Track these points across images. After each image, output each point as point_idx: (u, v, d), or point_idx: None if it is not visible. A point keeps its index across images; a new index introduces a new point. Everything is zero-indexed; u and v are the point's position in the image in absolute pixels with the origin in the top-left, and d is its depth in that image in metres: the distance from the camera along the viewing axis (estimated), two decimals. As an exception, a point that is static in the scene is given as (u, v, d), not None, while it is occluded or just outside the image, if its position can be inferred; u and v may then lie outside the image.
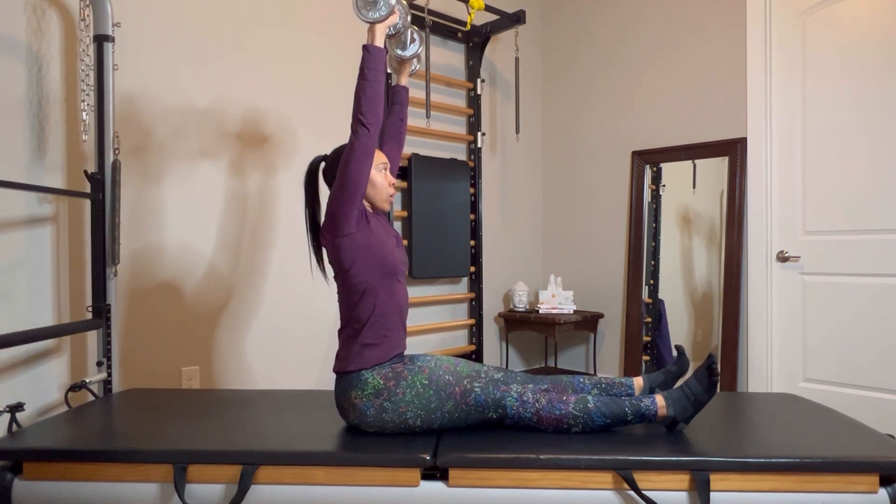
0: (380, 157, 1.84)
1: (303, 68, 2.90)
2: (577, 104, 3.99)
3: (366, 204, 1.84)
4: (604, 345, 3.85)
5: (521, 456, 1.51)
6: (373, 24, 1.76)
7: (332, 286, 3.02)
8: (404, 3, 1.93)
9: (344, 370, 1.72)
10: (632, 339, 3.63)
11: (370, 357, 1.72)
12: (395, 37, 2.04)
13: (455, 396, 1.68)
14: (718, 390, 3.23)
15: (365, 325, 1.73)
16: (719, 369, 1.66)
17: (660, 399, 1.67)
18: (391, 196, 1.87)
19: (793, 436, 1.63)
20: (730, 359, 3.22)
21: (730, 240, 3.25)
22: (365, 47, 1.72)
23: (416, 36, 2.11)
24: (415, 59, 2.21)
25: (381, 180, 1.84)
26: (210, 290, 2.59)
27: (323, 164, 1.89)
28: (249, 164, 2.72)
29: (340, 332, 1.79)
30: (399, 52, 2.12)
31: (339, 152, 1.85)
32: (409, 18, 1.99)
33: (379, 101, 1.70)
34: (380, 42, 1.75)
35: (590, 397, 1.68)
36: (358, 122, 1.68)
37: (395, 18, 1.82)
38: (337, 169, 1.83)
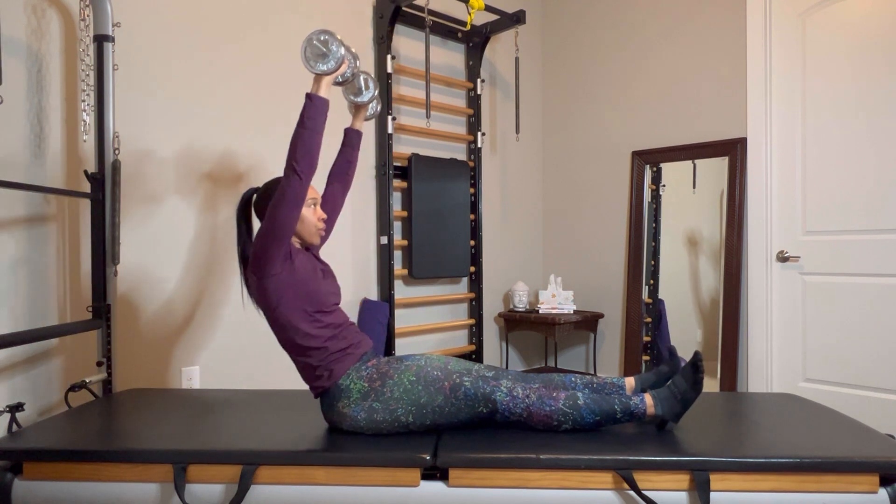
0: (309, 193, 1.82)
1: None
2: (577, 104, 3.99)
3: (294, 240, 1.83)
4: (604, 345, 3.85)
5: (521, 456, 1.51)
6: (320, 75, 1.74)
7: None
8: (353, 51, 1.91)
9: (322, 390, 1.73)
10: (632, 339, 3.63)
11: (339, 370, 1.71)
12: (346, 84, 2.02)
13: (444, 391, 1.68)
14: (719, 390, 3.23)
15: (314, 355, 1.72)
16: (704, 366, 1.67)
17: (648, 398, 1.68)
18: (320, 230, 1.86)
19: (793, 436, 1.63)
20: (730, 359, 3.22)
21: (730, 240, 3.25)
22: (308, 96, 1.69)
23: (370, 83, 2.11)
24: (373, 103, 2.21)
25: (310, 216, 1.82)
26: (210, 290, 2.59)
27: (255, 197, 1.87)
28: (246, 159, 2.72)
29: (296, 364, 1.77)
30: (353, 98, 2.12)
31: (271, 186, 1.84)
32: (358, 64, 1.96)
33: (315, 150, 1.68)
34: (324, 93, 1.72)
35: (580, 394, 1.69)
36: (291, 168, 1.66)
37: (343, 69, 1.79)
38: (267, 203, 1.82)
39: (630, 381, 1.86)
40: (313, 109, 1.68)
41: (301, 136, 1.66)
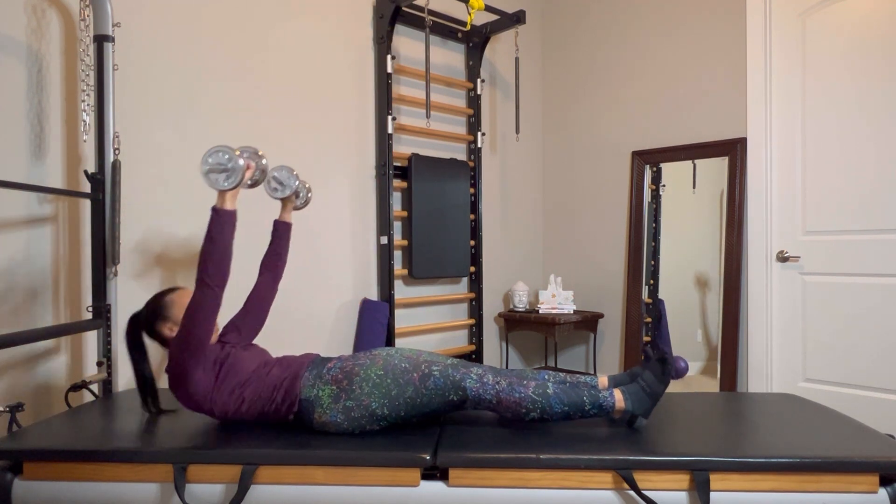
0: None
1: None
2: (577, 104, 3.99)
3: None
4: (604, 345, 3.85)
5: (521, 456, 1.51)
6: (224, 192, 1.69)
7: (335, 286, 3.02)
8: (260, 153, 1.86)
9: (293, 413, 1.72)
10: (632, 339, 3.63)
11: (296, 387, 1.71)
12: (258, 185, 1.98)
13: (414, 382, 1.68)
14: (719, 390, 3.24)
15: (269, 397, 1.72)
16: (688, 365, 1.69)
17: (618, 392, 1.70)
18: (215, 328, 1.85)
19: (793, 436, 1.63)
20: (730, 359, 3.22)
21: (730, 240, 3.25)
22: (214, 210, 1.66)
23: (290, 178, 2.09)
24: (302, 191, 2.19)
25: None
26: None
27: (142, 319, 1.87)
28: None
29: (258, 416, 1.76)
30: (273, 195, 2.12)
31: (155, 306, 1.84)
32: (265, 163, 1.89)
33: (226, 262, 1.67)
34: (230, 205, 1.68)
35: (550, 384, 1.70)
36: (204, 283, 1.64)
37: (248, 176, 1.75)
38: (156, 323, 1.83)
39: (603, 381, 1.87)
40: (220, 223, 1.66)
41: (210, 251, 1.65)
